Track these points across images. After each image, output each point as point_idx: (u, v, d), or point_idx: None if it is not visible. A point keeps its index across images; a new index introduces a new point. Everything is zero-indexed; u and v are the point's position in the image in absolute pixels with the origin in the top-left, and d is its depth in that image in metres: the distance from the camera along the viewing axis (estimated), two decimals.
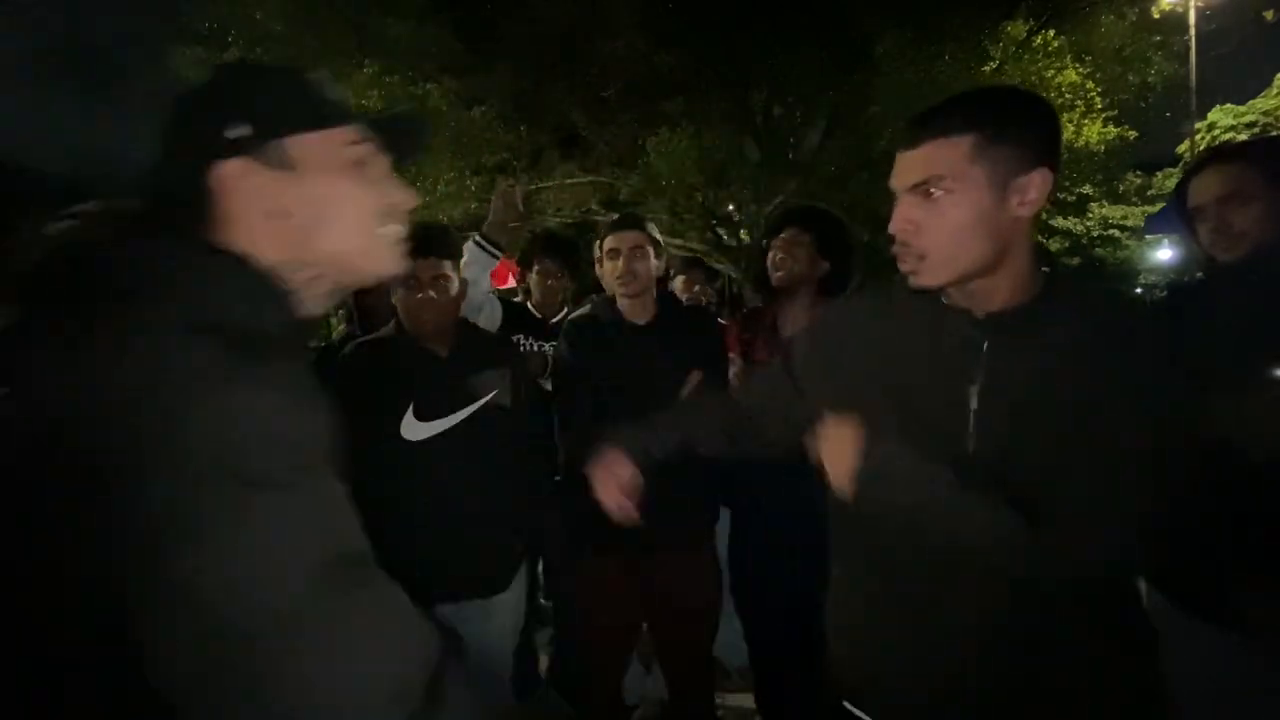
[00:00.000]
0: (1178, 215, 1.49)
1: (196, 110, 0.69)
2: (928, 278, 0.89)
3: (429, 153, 9.43)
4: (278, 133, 0.68)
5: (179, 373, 0.53)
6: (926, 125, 0.87)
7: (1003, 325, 0.90)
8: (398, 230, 0.76)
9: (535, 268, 2.60)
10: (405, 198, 0.77)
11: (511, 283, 3.79)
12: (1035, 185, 0.84)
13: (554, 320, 2.53)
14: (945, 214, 0.85)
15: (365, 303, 2.32)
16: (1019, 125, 0.85)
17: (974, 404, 0.90)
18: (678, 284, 2.96)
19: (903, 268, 0.92)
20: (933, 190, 0.85)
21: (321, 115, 0.71)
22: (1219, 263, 1.41)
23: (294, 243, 0.69)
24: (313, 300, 0.73)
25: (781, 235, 1.95)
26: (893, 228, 0.91)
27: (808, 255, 1.91)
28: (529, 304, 2.64)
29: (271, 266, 0.67)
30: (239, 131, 0.66)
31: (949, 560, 0.91)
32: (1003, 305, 0.90)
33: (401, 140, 0.79)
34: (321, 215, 0.70)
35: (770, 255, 1.98)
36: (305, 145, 0.69)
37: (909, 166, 0.88)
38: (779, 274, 1.95)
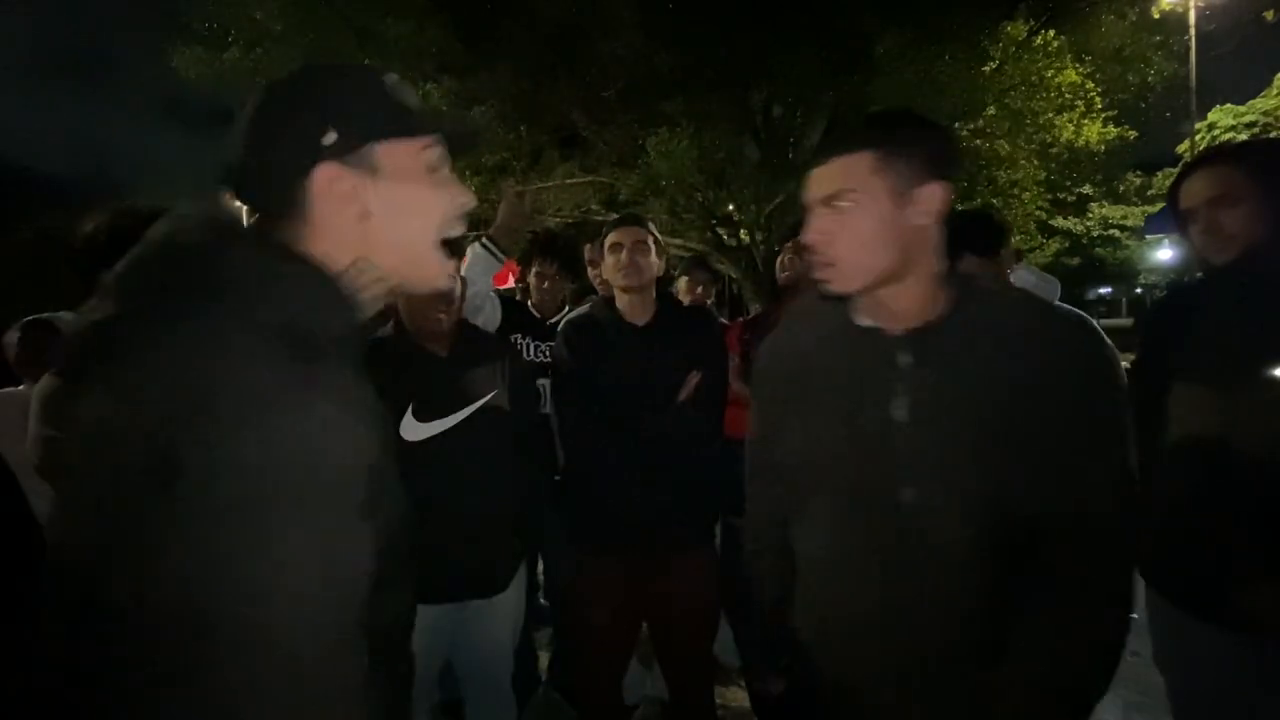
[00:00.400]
0: (1172, 218, 1.49)
1: (288, 112, 0.70)
2: (840, 284, 0.97)
3: None
4: (367, 139, 0.70)
5: (241, 382, 0.55)
6: (834, 144, 0.97)
7: (922, 340, 0.96)
8: (456, 233, 0.78)
9: (534, 269, 2.61)
10: (467, 199, 0.78)
11: (511, 282, 3.79)
12: (931, 197, 0.93)
13: (552, 320, 2.54)
14: (852, 223, 0.93)
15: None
16: (913, 142, 0.94)
17: (902, 417, 0.96)
18: (681, 284, 2.96)
19: (816, 276, 0.99)
20: (840, 202, 0.94)
21: (406, 123, 0.73)
22: (1211, 265, 1.41)
23: (371, 245, 0.71)
24: (368, 304, 0.74)
25: (796, 238, 1.98)
26: (805, 239, 0.99)
27: None
28: (528, 303, 2.64)
29: (345, 269, 0.69)
30: (331, 138, 0.68)
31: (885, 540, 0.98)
32: (918, 318, 0.97)
33: (459, 142, 0.80)
34: (399, 220, 0.72)
35: (780, 258, 2.01)
36: (390, 151, 0.71)
37: (818, 181, 0.97)
38: (785, 274, 1.98)
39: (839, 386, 1.03)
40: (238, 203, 0.72)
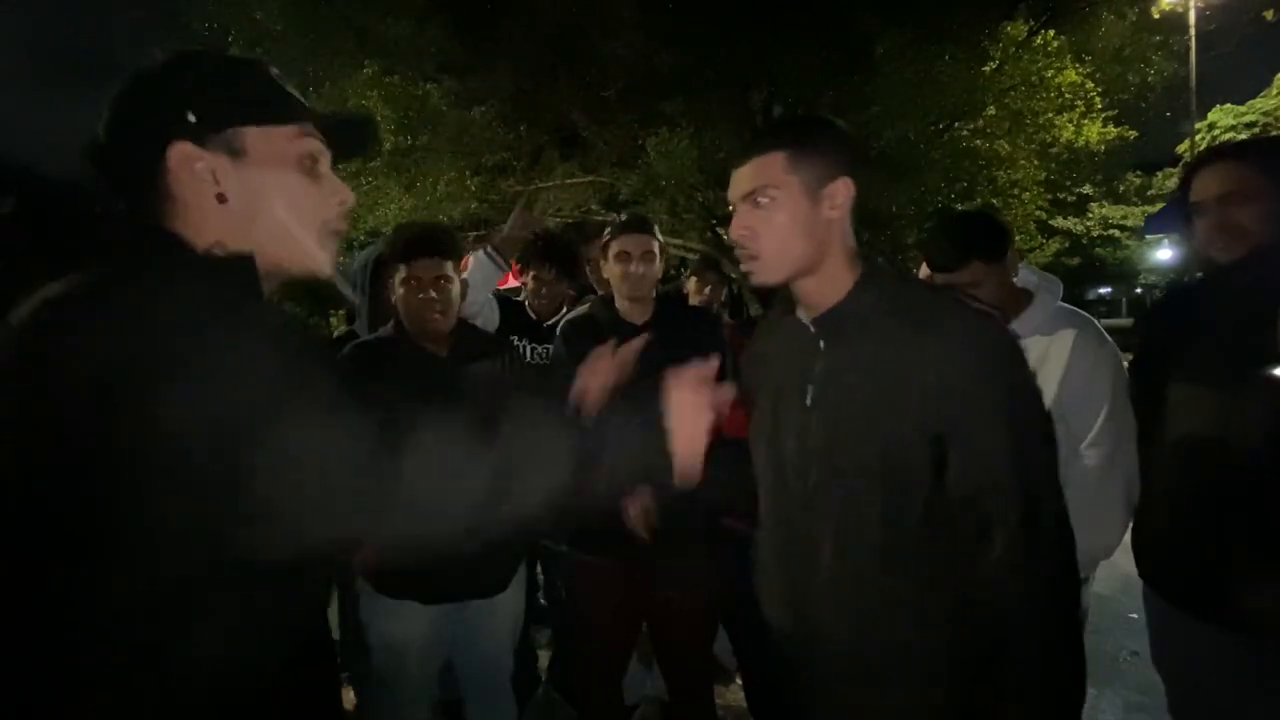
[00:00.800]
0: (1178, 212, 1.47)
1: (151, 93, 0.71)
2: (763, 275, 1.05)
3: (429, 153, 9.45)
4: (228, 122, 0.70)
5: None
6: (751, 145, 1.05)
7: (828, 324, 1.05)
8: (337, 228, 0.77)
9: (531, 273, 2.59)
10: (345, 196, 0.78)
11: (513, 282, 3.78)
12: (840, 192, 1.02)
13: (550, 322, 2.51)
14: (772, 218, 1.01)
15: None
16: (821, 141, 1.03)
17: (809, 399, 1.05)
18: (690, 285, 2.94)
19: (742, 268, 1.07)
20: (760, 199, 1.02)
21: (271, 110, 0.73)
22: (1215, 263, 1.39)
23: (231, 228, 0.71)
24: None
25: None
26: (731, 234, 1.07)
27: None
28: (526, 304, 2.62)
29: (207, 248, 0.70)
30: (189, 117, 0.69)
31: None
32: (829, 306, 1.05)
33: (349, 140, 0.81)
34: (260, 205, 0.72)
35: None
36: (254, 136, 0.71)
37: (740, 180, 1.05)
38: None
39: (778, 382, 1.12)
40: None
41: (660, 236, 1.87)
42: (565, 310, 2.50)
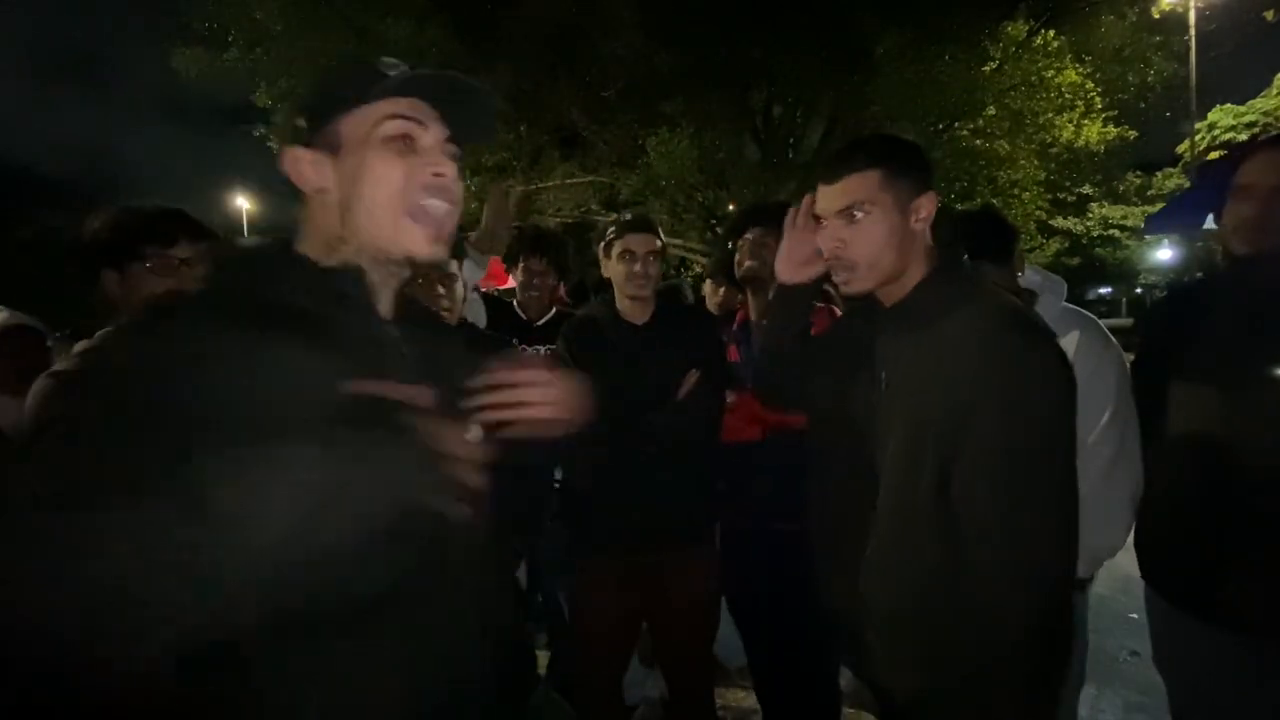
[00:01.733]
0: (1213, 191, 1.37)
1: (292, 109, 0.78)
2: (857, 285, 1.11)
3: None
4: (327, 118, 0.73)
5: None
6: (843, 163, 1.09)
7: (893, 316, 1.12)
8: (430, 201, 0.74)
9: (521, 264, 2.44)
10: (441, 167, 0.74)
11: (511, 283, 3.78)
12: (925, 205, 1.08)
13: (540, 322, 2.40)
14: (868, 231, 1.07)
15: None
16: (910, 160, 1.09)
17: (883, 384, 1.13)
18: (707, 287, 2.90)
19: (836, 279, 1.13)
20: (856, 213, 1.07)
21: (356, 90, 0.73)
22: (1233, 254, 1.34)
23: (338, 219, 0.73)
24: (374, 276, 0.76)
25: (746, 236, 1.93)
26: (825, 246, 1.12)
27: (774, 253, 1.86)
28: (516, 304, 2.48)
29: (328, 240, 0.74)
30: (298, 122, 0.74)
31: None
32: (897, 300, 1.11)
33: (465, 111, 0.77)
34: (352, 191, 0.72)
35: (740, 252, 1.95)
36: (346, 125, 0.73)
37: (834, 195, 1.09)
38: (748, 266, 1.91)
39: (864, 366, 1.20)
40: None
41: (663, 237, 1.87)
42: (554, 311, 2.43)
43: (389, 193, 0.72)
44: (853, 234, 1.08)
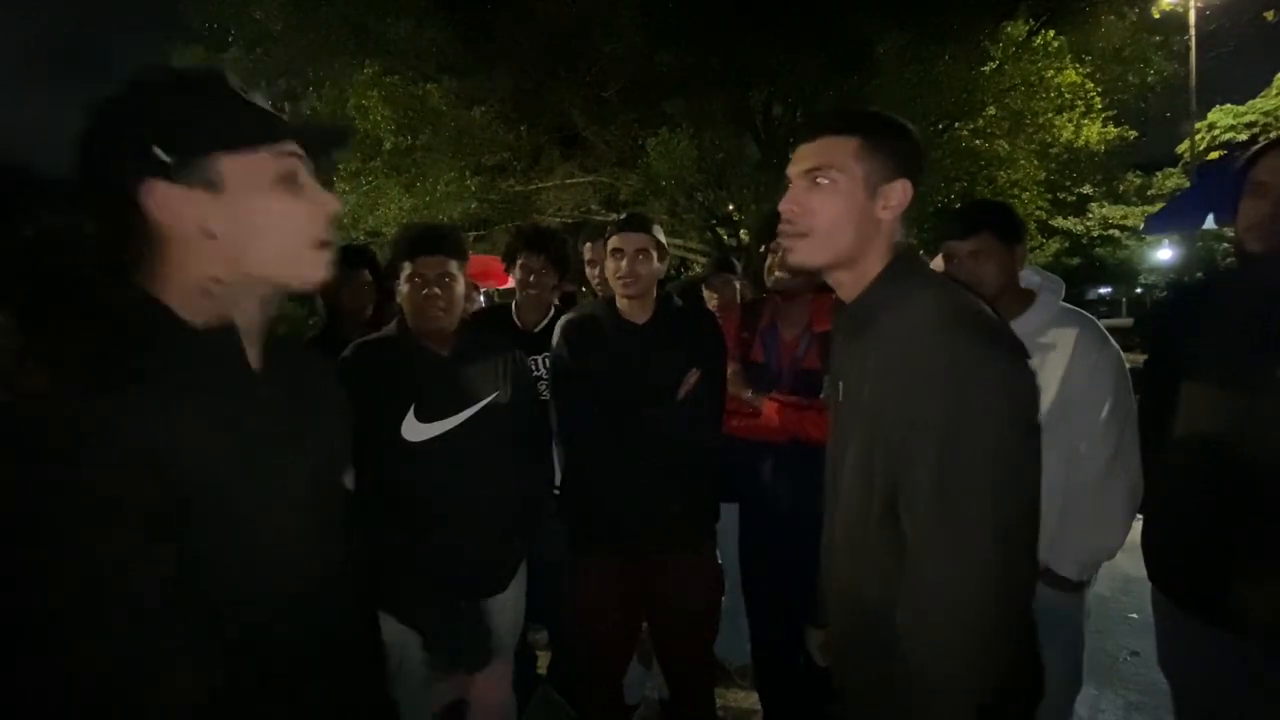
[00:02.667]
0: (1213, 191, 1.37)
1: (116, 130, 0.67)
2: (803, 255, 1.02)
3: (429, 153, 9.45)
4: (201, 153, 0.67)
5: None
6: (823, 123, 1.02)
7: (849, 316, 1.05)
8: (327, 237, 0.75)
9: (519, 261, 2.32)
10: (332, 205, 0.76)
11: (511, 282, 3.76)
12: (897, 192, 0.99)
13: (537, 329, 2.29)
14: (828, 199, 0.98)
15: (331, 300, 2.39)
16: (893, 138, 1.00)
17: (840, 391, 1.08)
18: (705, 294, 2.90)
19: (784, 244, 1.05)
20: (820, 178, 0.99)
21: (245, 133, 0.69)
22: (1248, 253, 1.33)
23: (224, 260, 0.69)
24: (247, 308, 0.73)
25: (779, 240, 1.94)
26: (782, 207, 1.03)
27: None
28: (513, 309, 2.38)
29: (199, 283, 0.69)
30: (162, 155, 0.65)
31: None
32: (852, 299, 1.04)
33: (324, 140, 0.79)
34: (251, 235, 0.70)
35: (770, 259, 1.97)
36: (230, 164, 0.68)
37: (805, 155, 1.01)
38: (777, 278, 1.94)
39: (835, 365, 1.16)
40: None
41: (662, 237, 1.85)
42: (553, 314, 2.33)
43: (292, 235, 0.72)
44: (811, 199, 0.99)
